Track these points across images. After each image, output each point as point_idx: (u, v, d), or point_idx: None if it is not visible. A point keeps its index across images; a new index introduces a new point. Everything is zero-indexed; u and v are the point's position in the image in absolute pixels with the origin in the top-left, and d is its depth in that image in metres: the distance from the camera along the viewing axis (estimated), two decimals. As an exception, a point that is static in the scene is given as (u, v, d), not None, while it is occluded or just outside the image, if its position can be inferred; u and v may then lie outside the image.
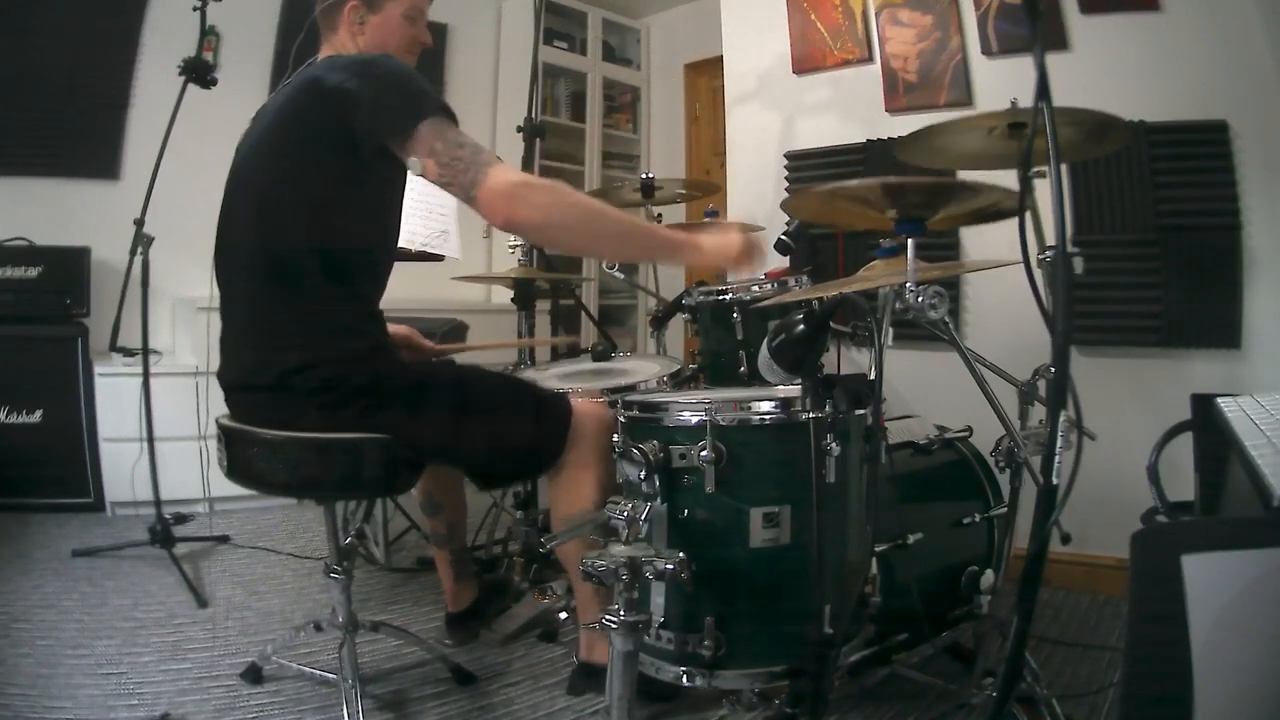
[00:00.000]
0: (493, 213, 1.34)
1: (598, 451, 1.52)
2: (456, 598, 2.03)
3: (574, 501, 1.53)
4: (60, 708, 1.59)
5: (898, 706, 1.64)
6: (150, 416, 2.53)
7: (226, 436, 1.48)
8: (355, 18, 1.56)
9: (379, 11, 1.58)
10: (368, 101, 1.35)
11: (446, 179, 1.35)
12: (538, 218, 1.36)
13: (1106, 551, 2.19)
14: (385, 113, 1.36)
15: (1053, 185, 0.96)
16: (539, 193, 1.37)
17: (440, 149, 1.35)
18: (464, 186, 1.34)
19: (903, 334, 2.16)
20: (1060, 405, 0.95)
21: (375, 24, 1.58)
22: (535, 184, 1.40)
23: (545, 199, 1.36)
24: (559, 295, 2.90)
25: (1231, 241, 2.11)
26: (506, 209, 1.33)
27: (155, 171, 2.42)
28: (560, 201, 1.38)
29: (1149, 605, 0.71)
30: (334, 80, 1.38)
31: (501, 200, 1.33)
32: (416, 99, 1.37)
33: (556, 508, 1.60)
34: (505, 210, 1.33)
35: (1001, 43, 2.45)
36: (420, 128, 1.35)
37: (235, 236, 1.51)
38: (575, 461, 1.53)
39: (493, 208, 1.34)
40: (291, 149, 1.44)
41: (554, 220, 1.37)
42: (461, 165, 1.34)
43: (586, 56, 4.81)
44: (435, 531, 2.00)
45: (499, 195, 1.33)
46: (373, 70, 1.39)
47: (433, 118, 1.36)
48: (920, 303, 1.23)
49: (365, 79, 1.37)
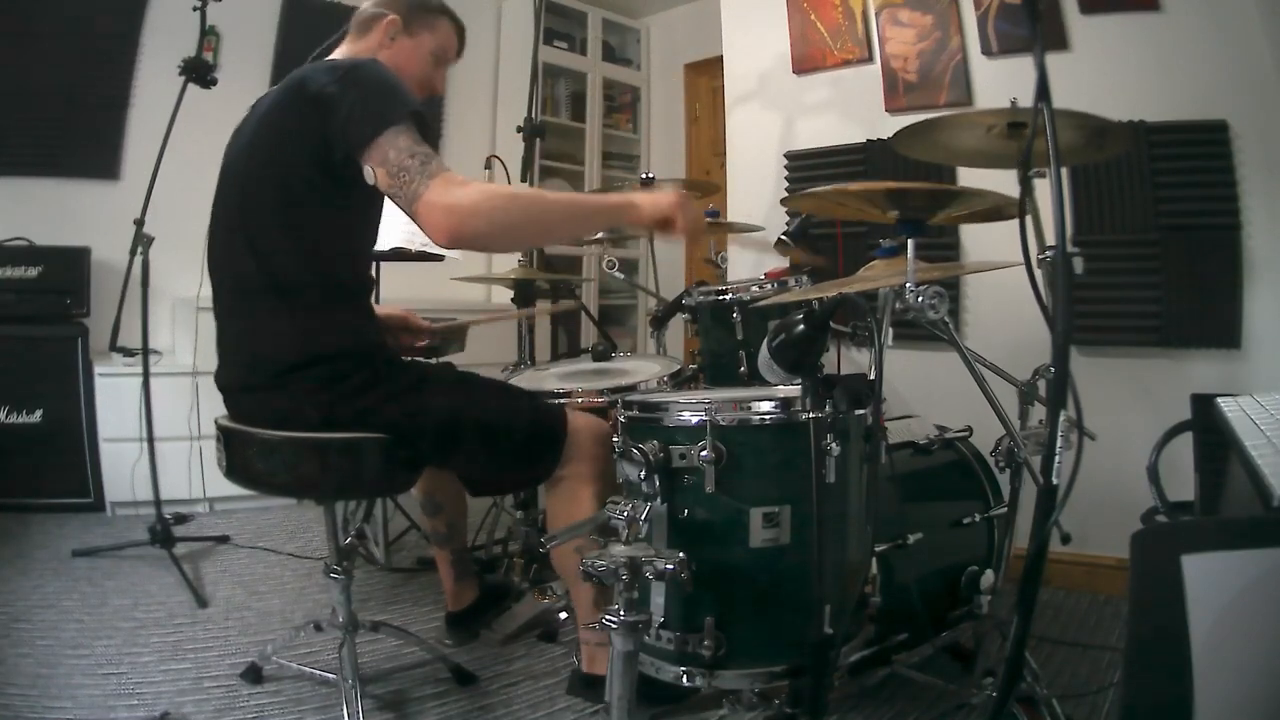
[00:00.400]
0: (434, 230, 1.29)
1: (594, 466, 1.52)
2: (457, 597, 2.03)
3: (571, 514, 1.52)
4: (60, 708, 1.59)
5: (898, 706, 1.64)
6: (150, 416, 2.53)
7: (225, 437, 1.48)
8: (390, 32, 1.59)
9: (413, 36, 1.62)
10: (344, 109, 1.34)
11: (394, 189, 1.32)
12: (482, 227, 1.30)
13: (1106, 551, 2.19)
14: (353, 121, 1.34)
15: (1053, 185, 0.96)
16: (478, 200, 1.29)
17: (392, 157, 1.31)
18: (407, 199, 1.30)
19: (903, 334, 2.16)
20: (1060, 405, 0.95)
21: (405, 45, 1.61)
22: (473, 191, 1.30)
23: (485, 205, 1.30)
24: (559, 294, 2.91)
25: (1231, 241, 2.11)
26: (447, 224, 1.28)
27: (155, 171, 2.42)
28: (500, 204, 1.33)
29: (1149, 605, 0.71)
30: (317, 84, 1.38)
31: (440, 215, 1.28)
32: (386, 107, 1.34)
33: (553, 520, 1.60)
34: (445, 226, 1.28)
35: (1001, 43, 2.45)
36: (381, 136, 1.31)
37: (223, 238, 1.51)
38: (572, 475, 1.53)
39: (432, 224, 1.29)
40: (273, 150, 1.44)
41: (498, 224, 1.31)
42: (407, 176, 1.29)
43: (586, 56, 4.81)
44: (435, 531, 2.00)
45: (437, 210, 1.28)
46: (354, 76, 1.38)
47: (396, 126, 1.32)
48: (920, 303, 1.23)
49: (346, 85, 1.36)
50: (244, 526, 2.87)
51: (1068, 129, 1.45)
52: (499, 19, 4.60)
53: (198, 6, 2.42)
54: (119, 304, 2.51)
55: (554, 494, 1.57)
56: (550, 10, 4.22)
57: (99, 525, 2.78)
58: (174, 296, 3.25)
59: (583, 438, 1.53)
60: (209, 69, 2.43)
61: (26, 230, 2.98)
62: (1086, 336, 2.26)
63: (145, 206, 2.43)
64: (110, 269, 2.95)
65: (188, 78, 2.40)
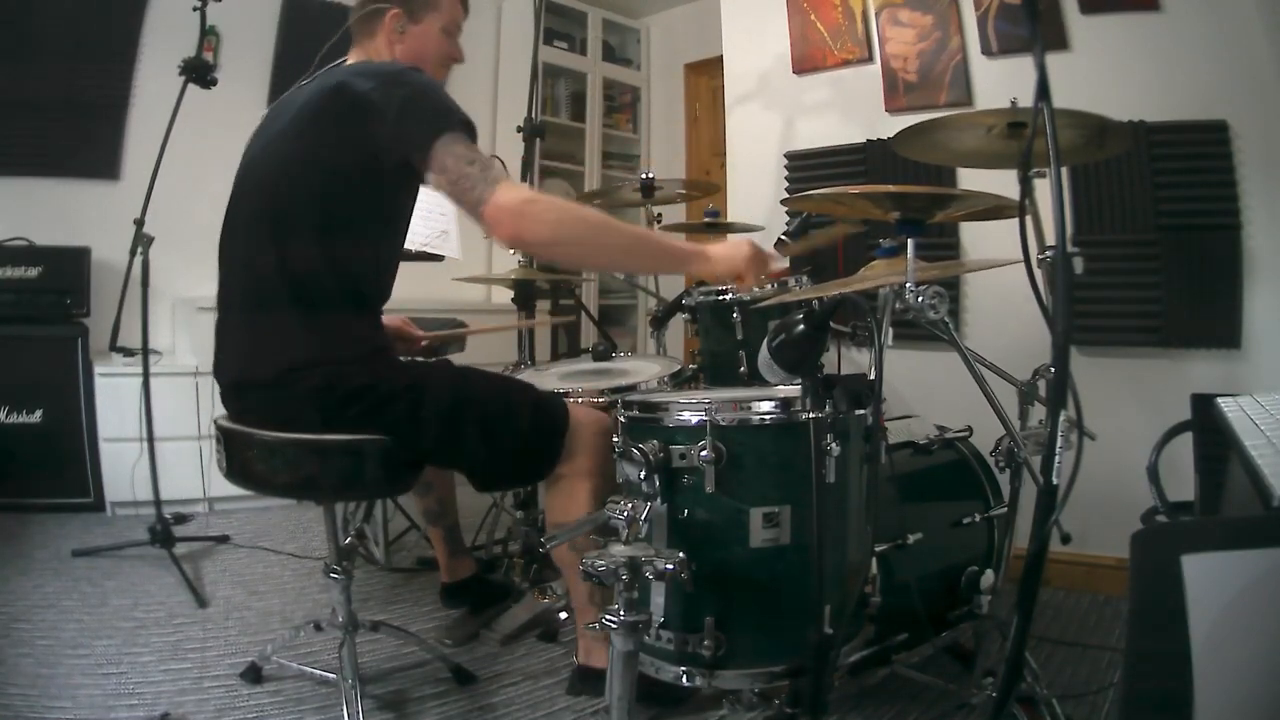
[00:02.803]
0: (499, 230, 1.35)
1: (595, 460, 1.52)
2: (452, 571, 2.08)
3: (570, 511, 1.52)
4: (60, 708, 1.59)
5: (898, 706, 1.64)
6: (150, 416, 2.53)
7: (225, 438, 1.48)
8: (396, 26, 1.60)
9: (420, 23, 1.63)
10: (392, 115, 1.37)
11: (456, 196, 1.37)
12: (546, 234, 1.37)
13: (1106, 551, 2.19)
14: (407, 128, 1.37)
15: (1053, 185, 0.96)
16: (546, 209, 1.37)
17: (451, 165, 1.36)
18: (471, 204, 1.36)
19: (903, 334, 2.16)
20: (1060, 405, 0.95)
21: (415, 34, 1.62)
22: (542, 200, 1.40)
23: (552, 215, 1.37)
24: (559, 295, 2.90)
25: (1231, 241, 2.11)
26: (513, 226, 1.35)
27: (155, 171, 2.42)
28: (567, 217, 1.38)
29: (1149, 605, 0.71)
30: (361, 87, 1.40)
31: (508, 217, 1.34)
32: (437, 115, 1.39)
33: (552, 516, 1.60)
34: (512, 227, 1.35)
35: (1001, 43, 2.45)
36: (436, 145, 1.36)
37: (241, 232, 1.51)
38: (572, 471, 1.53)
39: (499, 224, 1.35)
40: (309, 150, 1.44)
41: (562, 236, 1.37)
42: (469, 183, 1.35)
43: (586, 56, 4.81)
44: (428, 510, 2.05)
45: (505, 212, 1.34)
46: (399, 83, 1.41)
47: (449, 134, 1.37)
48: (920, 303, 1.23)
49: (391, 92, 1.39)
50: (244, 526, 2.87)
51: (1068, 128, 1.45)
52: (499, 19, 4.60)
53: (198, 6, 2.41)
54: (119, 304, 2.51)
55: (554, 490, 1.57)
56: (550, 10, 4.22)
57: (99, 525, 2.78)
58: (174, 296, 3.26)
59: (584, 430, 1.54)
60: (209, 69, 2.42)
61: (26, 230, 2.98)
62: (1086, 336, 2.26)
63: (145, 206, 2.43)
64: (110, 269, 2.95)
65: (188, 78, 2.39)
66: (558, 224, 1.37)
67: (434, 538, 2.09)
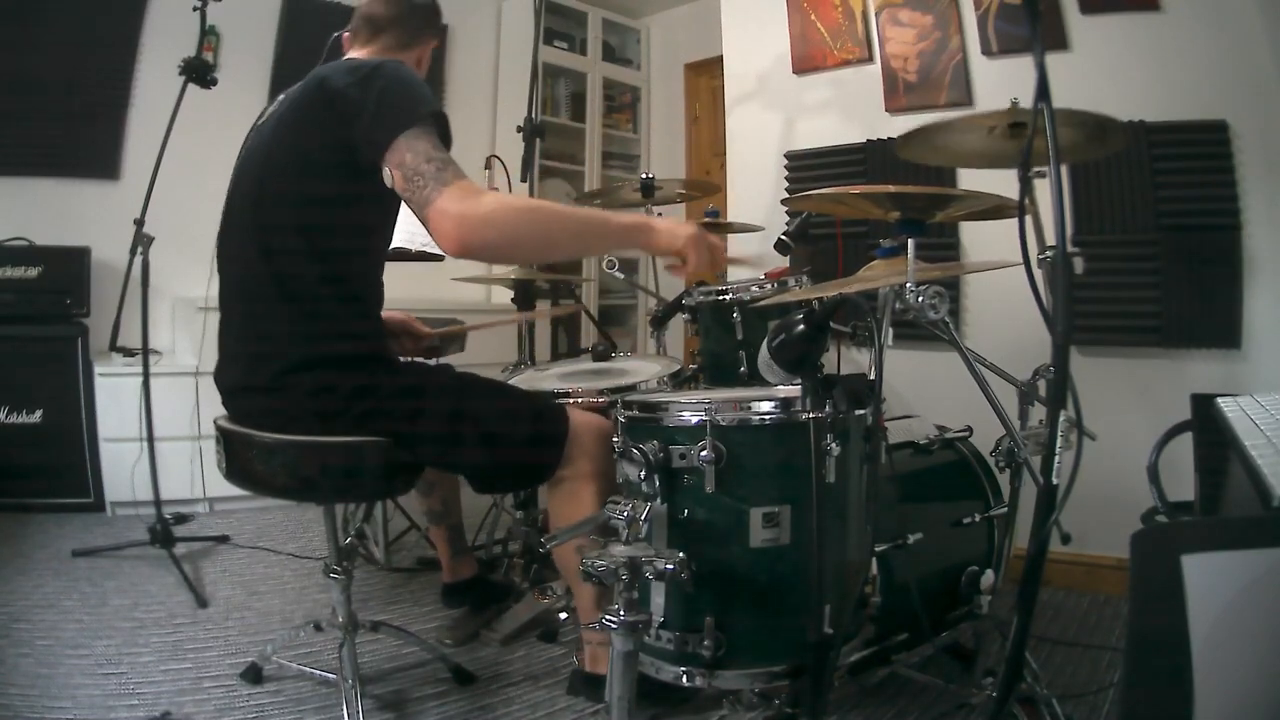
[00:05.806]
0: (443, 237, 1.28)
1: (596, 464, 1.52)
2: (454, 571, 2.08)
3: (572, 514, 1.52)
4: (60, 708, 1.59)
5: (898, 706, 1.64)
6: (150, 416, 2.53)
7: (225, 439, 1.48)
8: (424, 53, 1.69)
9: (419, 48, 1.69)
10: (367, 111, 1.34)
11: (408, 194, 1.31)
12: (492, 237, 1.30)
13: (1106, 551, 2.19)
14: (376, 123, 1.33)
15: (1053, 185, 0.96)
16: (490, 213, 1.29)
17: (408, 161, 1.30)
18: (419, 203, 1.30)
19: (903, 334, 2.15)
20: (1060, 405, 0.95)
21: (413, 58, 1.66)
22: (486, 205, 1.30)
23: (497, 217, 1.30)
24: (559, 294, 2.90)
25: (1231, 241, 2.11)
26: (456, 233, 1.27)
27: (155, 171, 2.42)
28: (512, 217, 1.32)
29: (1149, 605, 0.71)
30: (340, 84, 1.38)
31: (450, 223, 1.26)
32: (406, 109, 1.34)
33: (555, 520, 1.60)
34: (455, 235, 1.27)
35: (1001, 43, 2.45)
36: (399, 139, 1.31)
37: (235, 235, 1.51)
38: (573, 475, 1.53)
39: (442, 232, 1.28)
40: (292, 148, 1.43)
41: (509, 237, 1.31)
42: (421, 180, 1.29)
43: (586, 56, 4.81)
44: (431, 510, 2.04)
45: (447, 218, 1.27)
46: (375, 77, 1.38)
47: (414, 128, 1.32)
48: (920, 303, 1.23)
49: (368, 87, 1.36)
50: (244, 526, 2.87)
51: (1068, 127, 1.45)
52: (499, 19, 4.59)
53: (198, 6, 2.41)
54: (119, 304, 2.51)
55: (556, 493, 1.57)
56: (550, 10, 4.22)
57: (99, 525, 2.78)
58: (174, 296, 3.26)
59: (585, 436, 1.53)
60: (209, 69, 2.43)
61: (26, 230, 2.98)
62: (1086, 336, 2.26)
63: (145, 206, 2.43)
64: (110, 269, 2.95)
65: (188, 78, 2.39)
66: (503, 225, 1.30)
67: (436, 537, 2.09)
